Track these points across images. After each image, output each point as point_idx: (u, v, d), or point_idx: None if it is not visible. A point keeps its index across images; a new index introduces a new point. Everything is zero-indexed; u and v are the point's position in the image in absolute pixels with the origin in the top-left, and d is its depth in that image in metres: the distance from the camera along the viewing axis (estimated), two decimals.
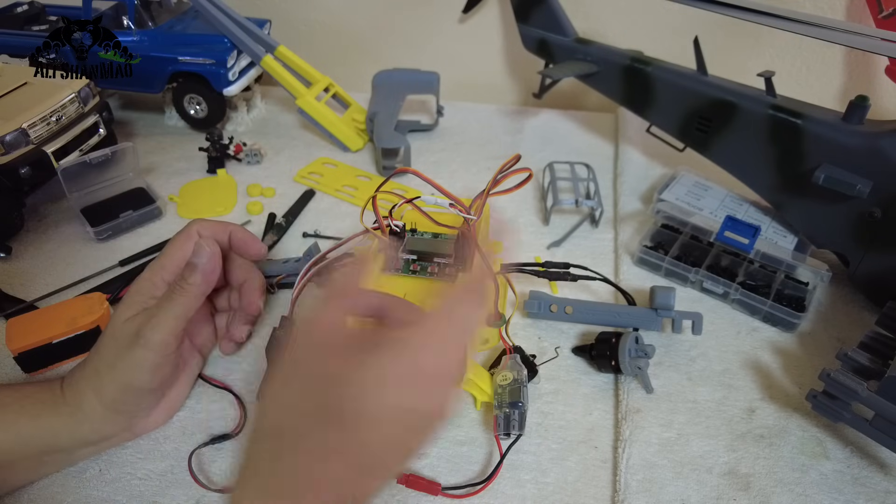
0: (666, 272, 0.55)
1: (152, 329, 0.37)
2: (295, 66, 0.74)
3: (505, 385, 0.41)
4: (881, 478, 0.40)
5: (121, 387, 0.37)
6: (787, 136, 0.52)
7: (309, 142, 0.75)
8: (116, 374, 0.37)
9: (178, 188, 0.66)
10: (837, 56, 0.75)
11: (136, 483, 0.39)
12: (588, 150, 0.74)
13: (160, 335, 0.37)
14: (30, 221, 0.60)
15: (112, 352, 0.37)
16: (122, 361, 0.37)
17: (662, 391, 0.45)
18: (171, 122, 0.78)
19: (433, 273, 0.42)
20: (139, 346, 0.37)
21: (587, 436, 0.42)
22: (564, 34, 0.71)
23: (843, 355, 0.43)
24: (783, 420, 0.43)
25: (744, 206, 0.58)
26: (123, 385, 0.37)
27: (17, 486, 0.38)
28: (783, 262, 0.51)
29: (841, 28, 0.49)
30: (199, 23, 0.75)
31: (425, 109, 0.81)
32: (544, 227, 0.62)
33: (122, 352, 0.37)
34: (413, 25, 0.88)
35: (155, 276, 0.40)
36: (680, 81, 0.59)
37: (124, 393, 0.38)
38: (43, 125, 0.57)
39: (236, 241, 0.44)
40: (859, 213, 0.49)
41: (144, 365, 0.37)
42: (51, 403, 0.37)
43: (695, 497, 0.38)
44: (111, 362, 0.37)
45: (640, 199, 0.65)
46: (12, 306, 0.51)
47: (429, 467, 0.40)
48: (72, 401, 0.37)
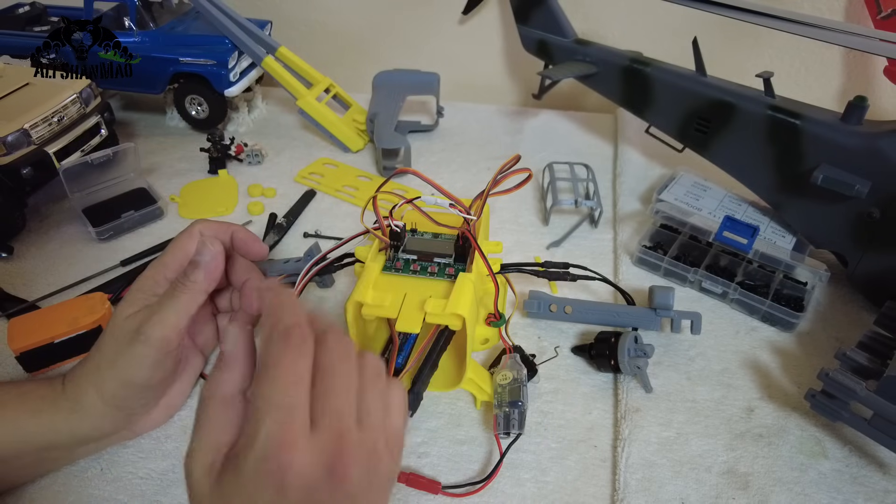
0: (665, 272, 0.55)
1: (153, 325, 0.37)
2: (296, 66, 0.75)
3: (505, 384, 0.41)
4: (880, 477, 0.40)
5: (121, 383, 0.37)
6: (786, 136, 0.52)
7: (309, 142, 0.76)
8: (117, 370, 0.37)
9: (179, 188, 0.66)
10: (836, 57, 0.75)
11: (137, 482, 0.39)
12: (587, 151, 0.74)
13: (161, 332, 0.37)
14: (31, 221, 0.60)
15: (113, 348, 0.37)
16: (122, 357, 0.37)
17: (661, 390, 0.45)
18: (173, 123, 0.78)
19: (433, 273, 0.42)
20: (140, 342, 0.36)
21: (587, 435, 0.42)
22: (564, 35, 0.71)
23: (842, 355, 0.43)
24: (782, 419, 0.43)
25: (742, 206, 0.58)
26: (123, 381, 0.37)
27: (17, 483, 0.38)
28: (782, 262, 0.51)
29: (839, 29, 0.49)
30: (200, 24, 0.75)
31: (425, 110, 0.81)
32: (544, 228, 0.62)
33: (123, 348, 0.37)
34: (413, 26, 0.88)
35: (157, 274, 0.40)
36: (679, 82, 0.60)
37: (124, 389, 0.37)
38: (45, 126, 0.57)
39: (238, 241, 0.44)
40: (858, 213, 0.49)
41: (145, 361, 0.37)
42: (51, 399, 0.38)
43: (694, 496, 0.38)
44: (112, 358, 0.37)
45: (640, 200, 0.65)
46: (14, 306, 0.51)
47: (429, 466, 0.40)
48: (72, 397, 0.38)
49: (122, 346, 0.37)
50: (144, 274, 0.40)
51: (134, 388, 0.38)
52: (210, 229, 0.43)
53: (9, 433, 0.36)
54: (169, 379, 0.41)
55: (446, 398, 0.44)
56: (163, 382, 0.40)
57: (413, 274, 0.43)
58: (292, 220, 0.62)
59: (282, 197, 0.66)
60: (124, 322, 0.38)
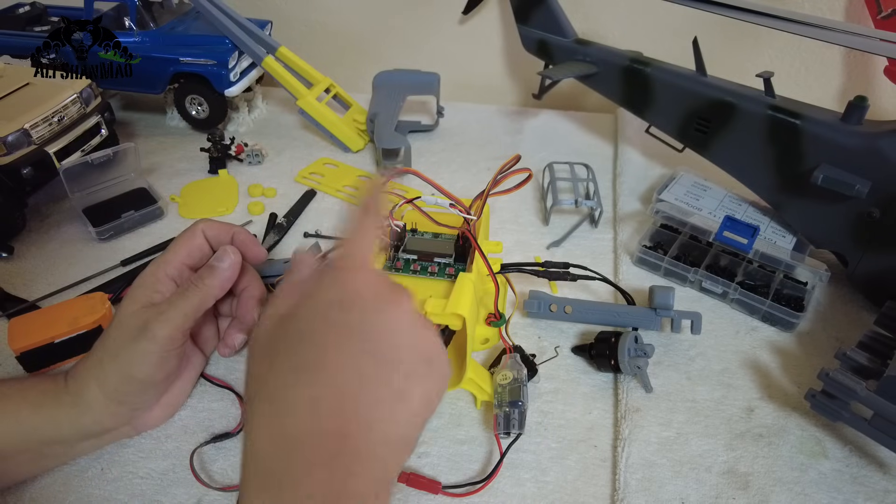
0: (665, 272, 0.55)
1: (161, 323, 0.37)
2: (296, 66, 0.75)
3: (505, 384, 0.41)
4: (880, 477, 0.40)
5: (124, 377, 0.37)
6: (786, 136, 0.52)
7: (310, 142, 0.76)
8: (120, 364, 0.37)
9: (179, 188, 0.66)
10: (836, 57, 0.75)
11: (137, 482, 0.39)
12: (587, 151, 0.74)
13: (167, 330, 0.37)
14: (32, 221, 0.60)
15: (117, 343, 0.38)
16: (126, 352, 0.37)
17: (661, 390, 0.45)
18: (173, 123, 0.78)
19: (433, 273, 0.43)
20: (145, 338, 0.37)
21: (587, 435, 0.42)
22: (564, 35, 0.71)
23: (842, 355, 0.43)
24: (782, 419, 0.43)
25: (743, 206, 0.58)
26: (126, 376, 0.37)
27: (18, 479, 0.38)
28: (782, 262, 0.51)
29: (840, 29, 0.49)
30: (200, 24, 0.75)
31: (426, 110, 0.81)
32: (544, 227, 0.62)
33: (128, 343, 0.37)
34: (413, 26, 0.88)
35: (158, 272, 0.40)
36: (679, 82, 0.60)
37: (126, 384, 0.38)
38: (45, 125, 0.57)
39: (238, 243, 0.44)
40: (858, 213, 0.49)
41: (149, 358, 0.37)
42: (53, 393, 0.38)
43: (694, 496, 0.38)
44: (115, 352, 0.38)
45: (640, 200, 0.65)
46: (14, 306, 0.51)
47: (429, 466, 0.40)
48: (74, 390, 0.38)
49: (126, 342, 0.37)
50: (146, 271, 0.41)
51: (136, 383, 0.38)
52: (212, 229, 0.44)
53: (10, 426, 0.36)
54: (171, 377, 0.41)
55: (446, 398, 0.44)
56: (165, 380, 0.40)
57: (413, 274, 0.43)
58: (293, 220, 0.62)
59: (282, 197, 0.66)
60: (129, 318, 0.38)
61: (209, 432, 0.42)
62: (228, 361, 0.47)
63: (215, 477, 0.39)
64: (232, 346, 0.46)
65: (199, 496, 0.38)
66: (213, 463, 0.40)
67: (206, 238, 0.43)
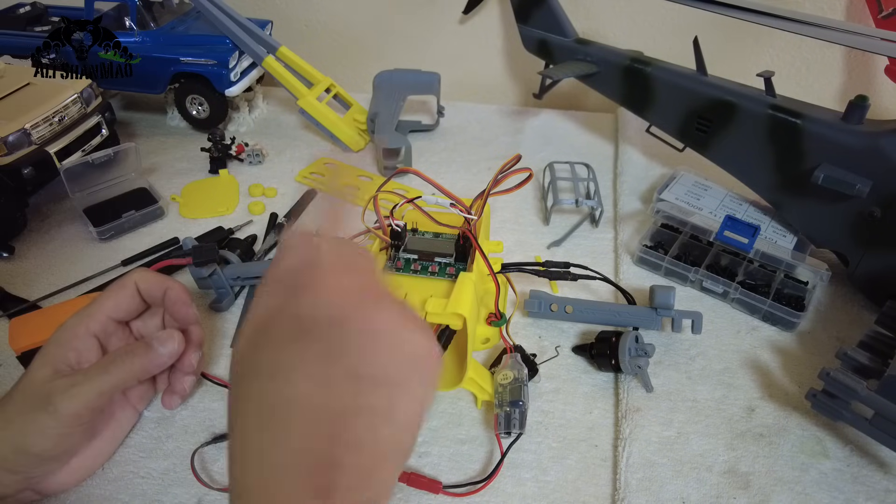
0: (666, 271, 0.55)
1: (68, 399, 0.33)
2: (296, 66, 0.75)
3: (506, 384, 0.41)
4: (881, 476, 0.40)
5: (15, 448, 0.33)
6: (787, 135, 0.52)
7: (310, 142, 0.76)
8: (13, 433, 0.33)
9: (180, 188, 0.66)
10: (837, 56, 0.75)
11: (138, 482, 0.39)
12: (588, 150, 0.74)
13: (74, 407, 0.33)
14: (33, 221, 0.60)
15: (14, 409, 0.34)
16: (21, 422, 0.33)
17: (662, 390, 0.45)
18: (174, 123, 0.78)
19: (434, 273, 0.43)
20: (45, 412, 0.33)
21: (587, 434, 0.42)
22: (564, 35, 0.71)
23: (843, 354, 0.43)
24: (783, 419, 0.43)
25: (743, 205, 0.58)
26: (18, 447, 0.33)
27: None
28: (783, 262, 0.51)
29: (840, 28, 0.49)
30: (200, 24, 0.75)
31: (426, 110, 0.81)
32: (544, 227, 0.62)
33: (25, 412, 0.33)
34: (414, 26, 0.88)
35: (79, 327, 0.37)
36: (680, 81, 0.60)
37: (18, 455, 0.33)
38: (45, 125, 0.57)
39: (169, 300, 0.41)
40: (859, 212, 0.49)
41: (46, 433, 0.33)
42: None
43: (694, 495, 0.38)
44: (9, 419, 0.33)
45: (640, 199, 0.65)
46: (15, 306, 0.51)
47: (430, 466, 0.40)
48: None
49: (23, 410, 0.34)
50: (66, 324, 0.37)
51: (30, 456, 0.34)
52: (146, 282, 0.40)
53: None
54: (77, 447, 0.37)
55: (447, 398, 0.44)
56: (67, 452, 0.36)
57: (414, 273, 0.43)
58: (293, 220, 0.62)
59: (282, 196, 0.66)
60: (33, 384, 0.34)
61: (210, 432, 0.42)
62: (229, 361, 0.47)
63: (216, 477, 0.39)
64: (182, 391, 0.42)
65: (200, 496, 0.38)
66: (214, 463, 0.40)
67: (139, 290, 0.40)
